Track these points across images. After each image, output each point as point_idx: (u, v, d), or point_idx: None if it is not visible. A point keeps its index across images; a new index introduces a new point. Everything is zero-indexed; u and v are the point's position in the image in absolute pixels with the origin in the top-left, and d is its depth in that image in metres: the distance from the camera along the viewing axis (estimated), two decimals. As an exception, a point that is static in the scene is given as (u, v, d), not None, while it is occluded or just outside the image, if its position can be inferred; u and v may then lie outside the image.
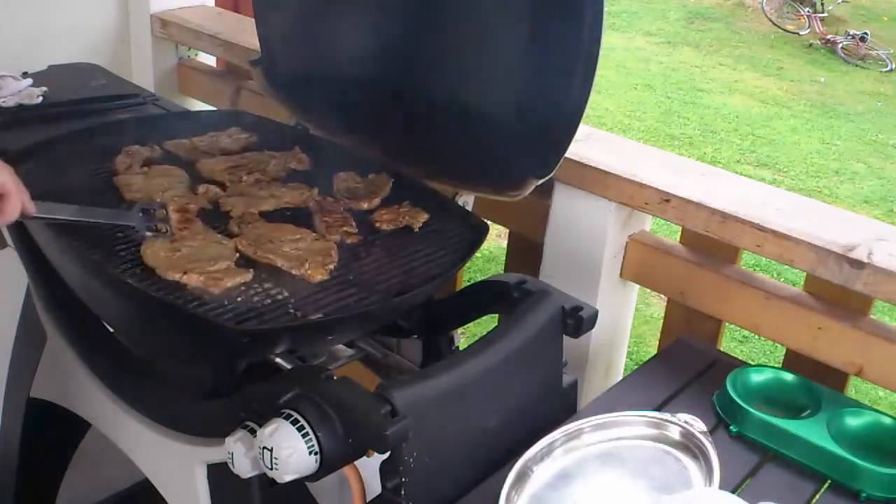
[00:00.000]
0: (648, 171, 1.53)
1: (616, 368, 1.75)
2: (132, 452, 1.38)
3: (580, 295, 1.34)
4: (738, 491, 1.15)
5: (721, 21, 11.50)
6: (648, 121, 8.01)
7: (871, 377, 1.38)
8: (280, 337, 1.19)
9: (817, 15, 11.28)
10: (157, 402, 1.31)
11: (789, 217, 1.41)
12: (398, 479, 1.07)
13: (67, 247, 1.26)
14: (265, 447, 1.01)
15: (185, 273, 1.17)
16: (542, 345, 1.28)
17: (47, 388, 1.58)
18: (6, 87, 1.76)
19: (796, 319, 1.43)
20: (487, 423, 1.20)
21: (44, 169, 1.43)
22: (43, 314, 1.52)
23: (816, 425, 1.23)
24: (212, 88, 2.33)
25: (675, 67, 9.63)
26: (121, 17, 2.38)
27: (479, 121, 1.50)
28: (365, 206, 1.43)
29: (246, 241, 1.27)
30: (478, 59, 1.49)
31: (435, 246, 1.35)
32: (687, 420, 1.15)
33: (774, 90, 9.22)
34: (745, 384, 1.32)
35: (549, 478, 1.12)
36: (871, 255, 1.31)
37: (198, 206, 1.37)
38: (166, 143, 1.57)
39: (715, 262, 1.54)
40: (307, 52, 1.78)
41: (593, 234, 1.59)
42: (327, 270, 1.23)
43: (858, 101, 9.13)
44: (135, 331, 1.37)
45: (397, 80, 1.62)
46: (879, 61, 10.37)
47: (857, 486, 1.16)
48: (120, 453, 1.40)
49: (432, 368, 1.17)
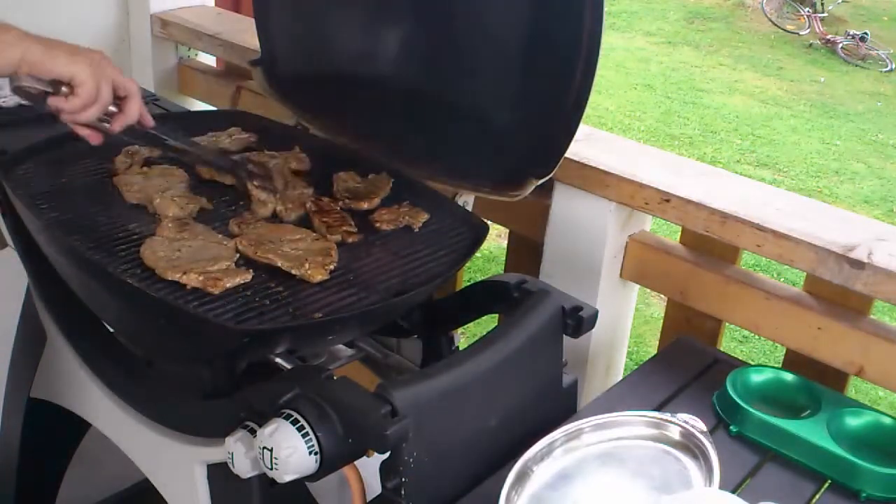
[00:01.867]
0: (648, 171, 1.53)
1: (616, 368, 1.75)
2: (132, 452, 1.38)
3: (580, 295, 1.34)
4: (738, 491, 1.15)
5: (721, 21, 11.50)
6: (648, 121, 8.02)
7: (871, 377, 1.38)
8: (280, 337, 1.19)
9: (817, 15, 11.28)
10: (157, 403, 1.31)
11: (789, 217, 1.41)
12: (398, 479, 1.07)
13: (67, 247, 1.26)
14: (265, 447, 1.01)
15: (184, 273, 1.17)
16: (542, 345, 1.28)
17: (47, 388, 1.58)
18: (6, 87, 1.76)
19: (796, 319, 1.43)
20: (487, 423, 1.20)
21: (44, 169, 1.43)
22: (43, 314, 1.52)
23: (816, 425, 1.23)
24: (212, 88, 2.33)
25: (675, 67, 9.64)
26: (121, 17, 2.38)
27: (479, 121, 1.50)
28: (365, 206, 1.43)
29: (246, 241, 1.27)
30: (478, 58, 1.49)
31: (435, 246, 1.35)
32: (687, 420, 1.15)
33: (774, 90, 9.23)
34: (745, 384, 1.32)
35: (549, 478, 1.12)
36: (871, 255, 1.31)
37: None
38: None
39: (715, 262, 1.54)
40: (307, 52, 1.78)
41: (593, 234, 1.59)
42: (327, 270, 1.23)
43: (858, 101, 9.13)
44: (135, 331, 1.37)
45: (397, 79, 1.62)
46: (879, 61, 10.37)
47: (857, 486, 1.16)
48: (120, 453, 1.40)
49: (432, 368, 1.16)
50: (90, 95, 1.21)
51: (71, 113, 1.23)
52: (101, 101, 1.23)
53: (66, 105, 1.22)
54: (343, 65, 1.71)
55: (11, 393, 1.67)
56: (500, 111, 1.49)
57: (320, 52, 1.75)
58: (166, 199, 1.35)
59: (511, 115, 1.47)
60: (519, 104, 1.46)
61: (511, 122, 1.47)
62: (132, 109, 1.28)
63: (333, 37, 1.72)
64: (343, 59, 1.71)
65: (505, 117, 1.48)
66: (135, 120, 1.30)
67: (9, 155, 1.43)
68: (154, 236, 1.27)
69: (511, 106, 1.47)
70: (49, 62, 1.18)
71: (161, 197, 1.36)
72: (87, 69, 1.20)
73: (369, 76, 1.67)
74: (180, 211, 1.34)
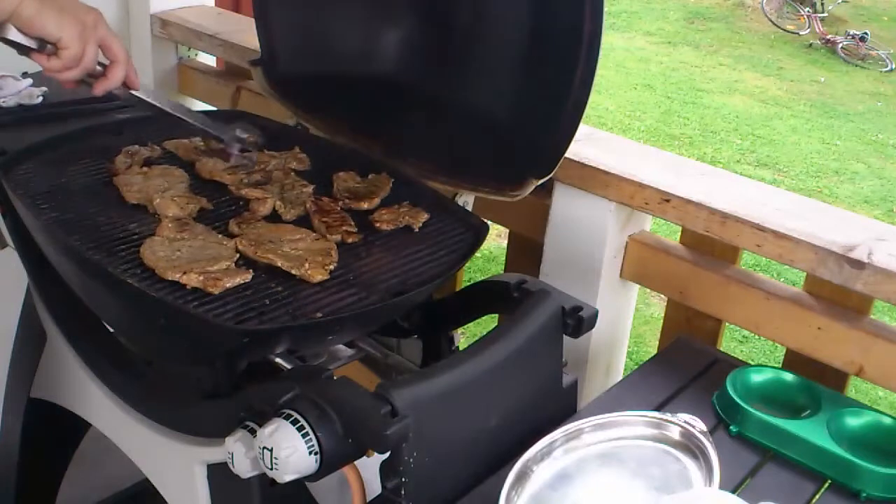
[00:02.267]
0: (648, 171, 1.53)
1: (616, 368, 1.75)
2: (132, 452, 1.38)
3: (580, 295, 1.34)
4: (738, 491, 1.15)
5: (721, 21, 11.50)
6: (648, 121, 8.02)
7: (871, 377, 1.38)
8: (280, 337, 1.19)
9: (817, 15, 11.28)
10: (157, 402, 1.31)
11: (789, 217, 1.41)
12: (398, 479, 1.07)
13: (67, 247, 1.26)
14: (265, 447, 1.01)
15: (184, 273, 1.17)
16: (542, 345, 1.28)
17: (47, 388, 1.58)
18: (6, 87, 1.76)
19: (796, 319, 1.43)
20: (487, 423, 1.20)
21: (44, 169, 1.43)
22: (43, 314, 1.52)
23: (816, 425, 1.23)
24: (212, 88, 2.33)
25: (675, 67, 9.64)
26: (121, 17, 2.38)
27: (479, 120, 1.50)
28: (365, 206, 1.43)
29: (246, 241, 1.27)
30: (478, 58, 1.49)
31: (435, 246, 1.35)
32: (687, 420, 1.15)
33: (774, 90, 9.23)
34: (745, 384, 1.32)
35: (549, 478, 1.12)
36: (871, 255, 1.31)
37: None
38: (166, 143, 1.57)
39: (715, 262, 1.54)
40: (307, 52, 1.78)
41: (593, 234, 1.59)
42: (327, 270, 1.23)
43: (858, 101, 9.13)
44: (135, 331, 1.37)
45: (397, 79, 1.62)
46: (879, 61, 10.38)
47: (857, 486, 1.16)
48: (120, 453, 1.40)
49: (432, 368, 1.16)
50: (73, 59, 1.22)
51: (51, 71, 1.24)
52: (83, 65, 1.23)
53: (47, 64, 1.23)
54: (343, 64, 1.71)
55: (11, 393, 1.67)
56: (500, 111, 1.49)
57: (320, 51, 1.75)
58: (166, 199, 1.35)
59: (511, 115, 1.47)
60: (519, 104, 1.46)
61: (511, 122, 1.47)
62: (115, 76, 1.28)
63: (333, 36, 1.72)
64: (343, 59, 1.71)
65: (505, 117, 1.48)
66: (116, 86, 1.30)
67: (9, 155, 1.43)
68: (154, 236, 1.26)
69: (511, 106, 1.47)
70: (38, 21, 1.17)
71: (161, 197, 1.36)
72: (74, 32, 1.20)
73: (369, 76, 1.67)
74: (180, 211, 1.34)
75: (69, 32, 1.19)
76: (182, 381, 1.27)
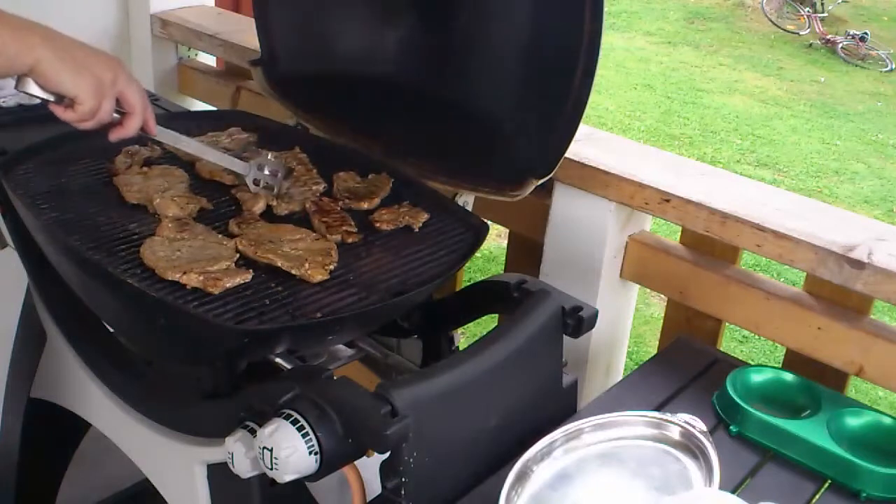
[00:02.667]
0: (648, 171, 1.53)
1: (616, 368, 1.75)
2: (132, 452, 1.38)
3: (580, 295, 1.34)
4: (738, 491, 1.15)
5: (721, 21, 11.50)
6: (648, 121, 8.02)
7: (871, 377, 1.38)
8: (280, 337, 1.19)
9: (817, 15, 11.28)
10: (157, 402, 1.31)
11: (789, 217, 1.41)
12: (398, 479, 1.07)
13: (67, 247, 1.26)
14: (265, 447, 1.01)
15: (184, 273, 1.17)
16: (542, 345, 1.28)
17: (47, 388, 1.58)
18: (6, 87, 1.76)
19: (796, 319, 1.43)
20: (487, 423, 1.20)
21: (44, 169, 1.43)
22: (43, 314, 1.52)
23: (816, 425, 1.23)
24: (212, 88, 2.33)
25: (675, 67, 9.64)
26: (121, 17, 2.38)
27: (479, 120, 1.50)
28: (365, 206, 1.43)
29: (246, 241, 1.27)
30: (478, 58, 1.49)
31: (435, 246, 1.35)
32: (687, 420, 1.15)
33: (774, 90, 9.23)
34: (745, 384, 1.32)
35: (549, 478, 1.12)
36: (871, 255, 1.31)
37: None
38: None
39: (715, 262, 1.54)
40: (307, 52, 1.78)
41: (593, 234, 1.59)
42: (327, 270, 1.23)
43: (858, 101, 9.13)
44: (135, 331, 1.37)
45: (398, 79, 1.62)
46: (879, 61, 10.38)
47: (857, 486, 1.16)
48: (120, 453, 1.40)
49: (432, 368, 1.16)
50: (87, 114, 1.23)
51: (67, 122, 1.25)
52: (98, 119, 1.25)
53: (63, 115, 1.24)
54: (343, 64, 1.71)
55: (11, 393, 1.67)
56: (500, 111, 1.49)
57: (320, 52, 1.75)
58: (166, 199, 1.35)
59: (511, 115, 1.47)
60: (519, 104, 1.46)
61: (511, 122, 1.47)
62: (131, 126, 1.29)
63: (333, 36, 1.72)
64: (343, 59, 1.71)
65: (505, 117, 1.48)
66: (131, 136, 1.31)
67: (9, 155, 1.43)
68: (154, 236, 1.26)
69: (511, 106, 1.47)
70: (55, 78, 1.18)
71: (161, 197, 1.36)
72: (90, 89, 1.20)
73: (370, 76, 1.67)
74: (180, 211, 1.34)
75: (85, 89, 1.20)
76: (182, 381, 1.27)
